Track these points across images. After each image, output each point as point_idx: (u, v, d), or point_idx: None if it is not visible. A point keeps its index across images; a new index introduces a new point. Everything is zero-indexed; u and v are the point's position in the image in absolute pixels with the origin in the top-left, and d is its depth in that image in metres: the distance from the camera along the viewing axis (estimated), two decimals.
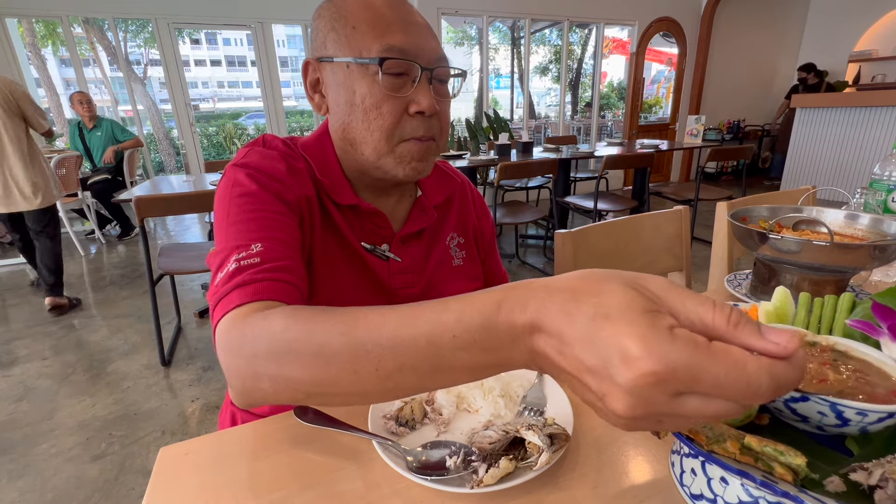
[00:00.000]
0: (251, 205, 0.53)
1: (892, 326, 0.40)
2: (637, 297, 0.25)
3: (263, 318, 0.39)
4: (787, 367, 0.24)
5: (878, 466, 0.30)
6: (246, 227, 0.51)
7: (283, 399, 0.40)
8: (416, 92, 0.57)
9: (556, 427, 0.44)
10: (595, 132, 6.20)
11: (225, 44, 13.15)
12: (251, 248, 0.48)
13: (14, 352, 2.29)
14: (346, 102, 0.58)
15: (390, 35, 0.55)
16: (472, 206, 0.81)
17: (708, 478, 0.40)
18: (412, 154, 0.60)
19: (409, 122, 0.59)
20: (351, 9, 0.57)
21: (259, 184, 0.55)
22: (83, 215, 4.27)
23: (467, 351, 0.31)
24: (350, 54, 0.56)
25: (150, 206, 1.86)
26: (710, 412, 0.25)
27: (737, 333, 0.24)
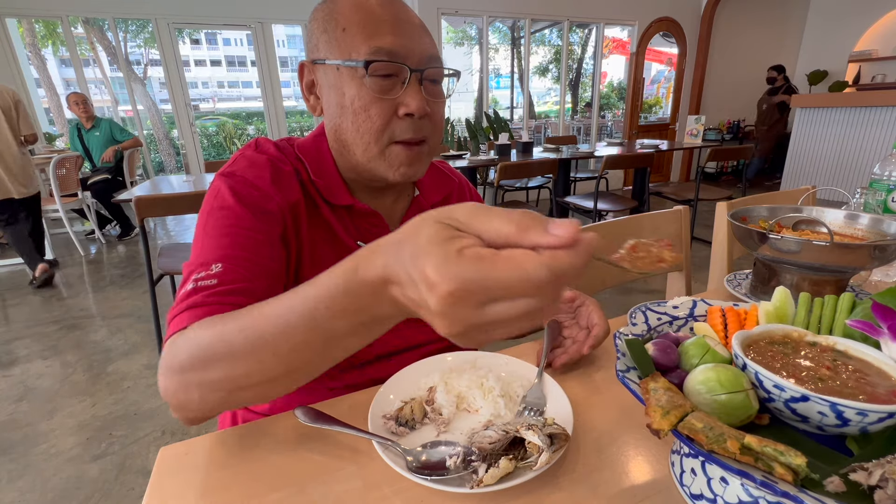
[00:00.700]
0: (225, 220, 0.54)
1: (892, 326, 0.40)
2: (441, 229, 0.28)
3: (185, 333, 0.44)
4: (568, 254, 0.26)
5: (878, 466, 0.30)
6: (214, 244, 0.52)
7: (213, 403, 0.43)
8: (405, 94, 0.57)
9: (555, 427, 0.44)
10: (595, 132, 6.20)
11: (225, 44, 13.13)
12: (211, 268, 0.50)
13: (14, 352, 2.29)
14: (337, 105, 0.58)
15: (379, 36, 0.55)
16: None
17: (708, 478, 0.40)
18: (401, 158, 0.60)
19: (398, 123, 0.58)
20: (342, 10, 0.57)
21: (238, 197, 0.56)
22: (83, 215, 4.27)
23: (341, 317, 0.35)
24: (340, 57, 0.56)
25: (150, 206, 1.86)
26: (519, 312, 0.27)
27: (526, 236, 0.27)
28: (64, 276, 3.36)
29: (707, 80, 6.01)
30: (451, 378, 0.58)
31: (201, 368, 0.41)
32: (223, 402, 0.43)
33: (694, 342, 0.45)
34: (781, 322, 0.49)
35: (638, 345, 0.45)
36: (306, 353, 0.38)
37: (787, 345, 0.43)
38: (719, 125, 6.32)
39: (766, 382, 0.37)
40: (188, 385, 0.42)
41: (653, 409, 0.35)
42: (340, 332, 0.36)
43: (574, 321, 0.67)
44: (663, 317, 0.54)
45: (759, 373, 0.37)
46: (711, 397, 0.37)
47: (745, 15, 5.91)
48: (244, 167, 0.59)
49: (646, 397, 0.37)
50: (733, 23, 5.90)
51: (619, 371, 0.41)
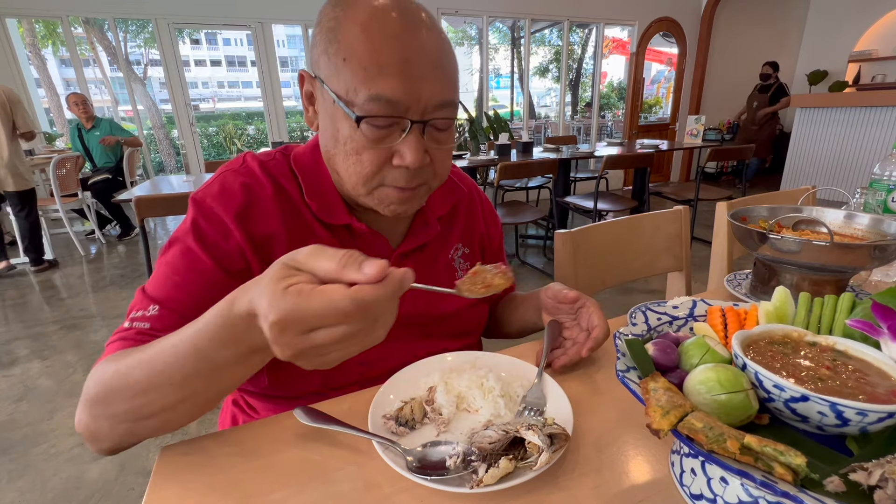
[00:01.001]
0: (181, 257, 0.54)
1: (892, 326, 0.40)
2: (280, 269, 0.34)
3: (96, 367, 0.47)
4: (373, 287, 0.32)
5: (877, 466, 0.30)
6: (161, 282, 0.54)
7: (121, 433, 0.46)
8: (402, 144, 0.52)
9: (555, 427, 0.44)
10: (595, 132, 6.20)
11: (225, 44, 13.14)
12: (149, 309, 0.52)
13: (14, 352, 2.29)
14: (331, 136, 0.55)
15: (381, 80, 0.49)
16: (480, 214, 0.78)
17: (708, 478, 0.40)
18: (391, 199, 0.56)
19: (390, 171, 0.54)
20: (346, 32, 0.50)
21: (198, 235, 0.54)
22: (83, 215, 4.27)
23: (224, 347, 0.39)
24: (337, 89, 0.51)
25: (150, 206, 1.86)
26: (338, 336, 0.32)
27: (345, 273, 0.32)
28: (64, 276, 3.36)
29: (707, 80, 6.01)
30: (451, 378, 0.58)
31: (105, 402, 0.45)
32: (130, 432, 0.46)
33: (694, 342, 0.45)
34: (781, 322, 0.49)
35: (638, 345, 0.45)
36: (198, 381, 0.42)
37: (786, 345, 0.43)
38: (719, 125, 6.32)
39: (765, 382, 0.37)
40: (97, 417, 0.46)
41: (653, 409, 0.35)
42: (225, 361, 0.40)
43: (575, 322, 0.67)
44: (663, 317, 0.54)
45: (758, 373, 0.37)
46: (711, 397, 0.37)
47: (745, 15, 5.91)
48: (215, 193, 0.56)
49: (646, 397, 0.37)
50: (733, 23, 5.90)
51: (619, 371, 0.41)
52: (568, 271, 0.98)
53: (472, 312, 0.73)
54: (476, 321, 0.75)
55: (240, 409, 0.70)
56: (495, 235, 0.81)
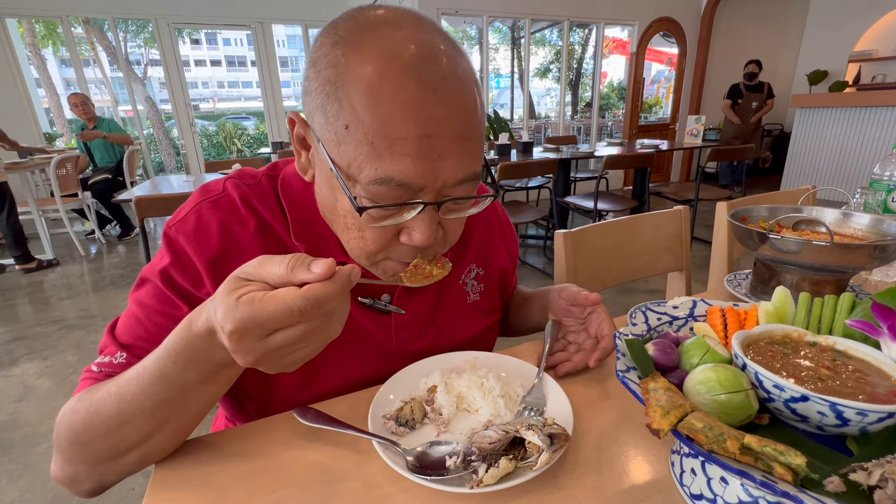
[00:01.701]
0: (152, 300, 0.50)
1: (892, 326, 0.40)
2: (231, 282, 0.35)
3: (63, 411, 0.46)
4: (323, 285, 0.33)
5: (877, 466, 0.30)
6: (129, 327, 0.51)
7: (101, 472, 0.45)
8: (413, 221, 0.44)
9: (555, 427, 0.44)
10: (595, 132, 6.20)
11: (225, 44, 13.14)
12: (116, 356, 0.49)
13: (14, 352, 2.29)
14: (328, 201, 0.48)
15: (391, 160, 0.40)
16: (497, 231, 0.72)
17: (708, 478, 0.40)
18: (395, 270, 0.50)
19: (397, 247, 0.48)
20: (351, 89, 0.39)
21: (168, 280, 0.50)
22: (83, 215, 4.27)
23: (188, 368, 0.39)
24: (337, 159, 0.42)
25: (150, 206, 1.86)
26: (296, 336, 0.33)
27: (295, 276, 0.33)
28: (64, 276, 3.36)
29: (707, 80, 6.01)
30: (451, 378, 0.58)
31: (79, 441, 0.44)
32: (110, 470, 0.46)
33: (694, 342, 0.45)
34: (781, 322, 0.49)
35: (638, 345, 0.45)
36: (170, 406, 0.42)
37: (786, 345, 0.43)
38: (719, 125, 6.31)
39: (765, 382, 0.37)
40: (73, 461, 0.45)
41: (653, 409, 0.35)
42: (193, 381, 0.40)
43: (582, 327, 0.65)
44: (663, 317, 0.54)
45: (758, 373, 0.37)
46: (711, 397, 0.37)
47: (745, 15, 5.91)
48: (190, 232, 0.50)
49: (646, 397, 0.37)
50: (733, 23, 5.90)
51: (619, 371, 0.41)
52: (568, 271, 0.98)
53: (484, 338, 0.69)
54: (489, 342, 0.72)
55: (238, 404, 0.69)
56: (513, 249, 0.74)
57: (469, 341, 0.67)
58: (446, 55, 0.41)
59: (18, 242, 3.33)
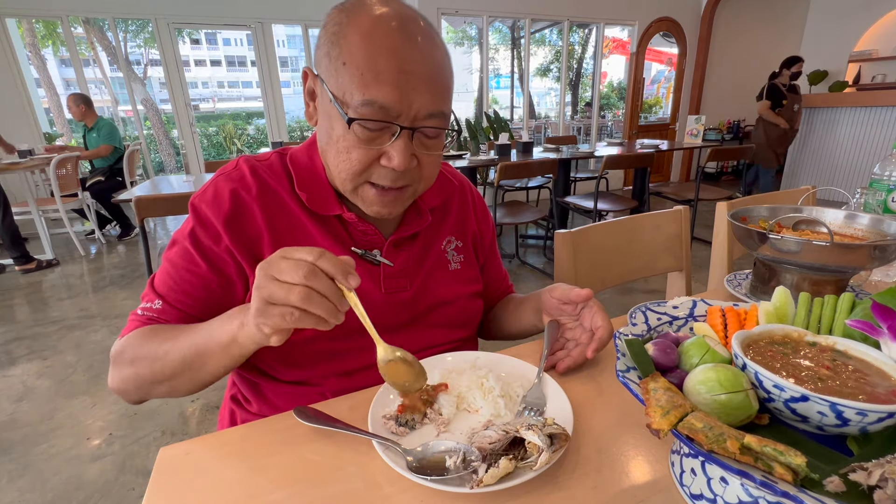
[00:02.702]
0: (181, 258, 0.61)
1: (892, 326, 0.40)
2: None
3: (125, 338, 0.59)
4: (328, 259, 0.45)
5: (877, 466, 0.30)
6: (165, 278, 0.62)
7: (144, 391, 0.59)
8: (392, 146, 0.55)
9: (555, 427, 0.44)
10: (595, 132, 6.20)
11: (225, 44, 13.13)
12: (154, 302, 0.61)
13: (14, 352, 2.29)
14: (326, 132, 0.59)
15: (375, 87, 0.52)
16: (471, 210, 0.80)
17: (708, 478, 0.40)
18: (373, 199, 0.60)
19: (377, 169, 0.57)
20: (348, 38, 0.53)
21: (194, 240, 0.61)
22: (83, 215, 4.27)
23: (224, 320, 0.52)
24: (334, 90, 0.54)
25: (150, 206, 1.86)
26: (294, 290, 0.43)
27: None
28: (64, 276, 3.36)
29: (707, 80, 6.01)
30: (451, 378, 0.58)
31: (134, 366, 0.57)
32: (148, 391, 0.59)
33: (694, 342, 0.45)
34: (781, 322, 0.50)
35: (638, 345, 0.45)
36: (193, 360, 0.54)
37: (786, 345, 0.43)
38: (719, 125, 6.32)
39: (765, 382, 0.37)
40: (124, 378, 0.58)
41: (653, 409, 0.35)
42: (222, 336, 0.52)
43: (577, 323, 0.66)
44: (663, 317, 0.54)
45: (758, 373, 0.37)
46: (711, 397, 0.37)
47: (745, 15, 5.91)
48: (209, 199, 0.61)
49: (646, 397, 0.37)
50: (733, 23, 5.90)
51: (619, 371, 0.41)
52: (568, 271, 0.98)
53: (469, 304, 0.75)
54: (472, 313, 0.76)
55: (237, 403, 0.70)
56: (486, 233, 0.82)
57: (453, 303, 0.72)
58: (423, 23, 0.56)
59: (16, 243, 3.32)
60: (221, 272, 0.61)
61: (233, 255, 0.61)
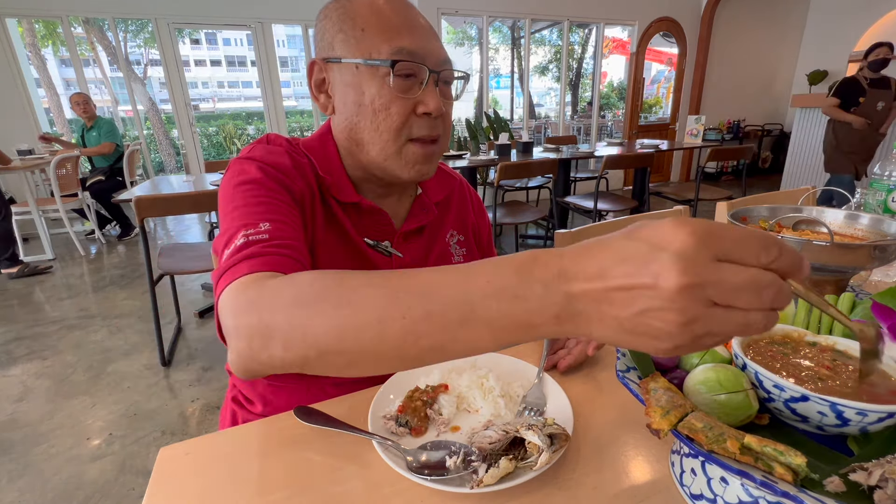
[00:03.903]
0: (256, 191, 0.55)
1: (892, 326, 0.40)
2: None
3: (287, 277, 0.39)
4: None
5: (877, 466, 0.30)
6: (252, 210, 0.52)
7: (291, 360, 0.36)
8: (424, 93, 0.58)
9: (555, 427, 0.44)
10: (595, 132, 6.20)
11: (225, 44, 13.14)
12: (259, 226, 0.49)
13: (14, 352, 2.29)
14: (355, 103, 0.59)
15: (399, 38, 0.57)
16: (469, 205, 0.83)
17: (708, 478, 0.40)
18: (417, 157, 0.61)
19: (416, 122, 0.60)
20: (359, 10, 0.58)
21: (265, 173, 0.57)
22: (83, 215, 4.27)
23: (497, 298, 0.29)
24: (360, 56, 0.57)
25: (150, 206, 1.86)
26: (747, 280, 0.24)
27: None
28: (64, 275, 3.36)
29: (707, 80, 6.01)
30: (451, 378, 0.58)
31: (305, 311, 0.35)
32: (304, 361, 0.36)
33: None
34: (781, 322, 0.50)
35: None
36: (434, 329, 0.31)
37: (786, 345, 0.43)
38: (719, 125, 6.31)
39: (765, 382, 0.37)
40: (272, 330, 0.36)
41: (653, 409, 0.35)
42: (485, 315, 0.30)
43: None
44: None
45: (758, 373, 0.37)
46: (711, 397, 0.37)
47: (745, 15, 5.91)
48: (263, 154, 0.60)
49: (646, 397, 0.37)
50: (733, 23, 5.90)
51: (619, 371, 0.41)
52: None
53: None
54: None
55: (238, 404, 0.70)
56: (483, 228, 0.84)
57: None
58: None
59: (6, 246, 3.26)
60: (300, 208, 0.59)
61: (303, 200, 0.60)
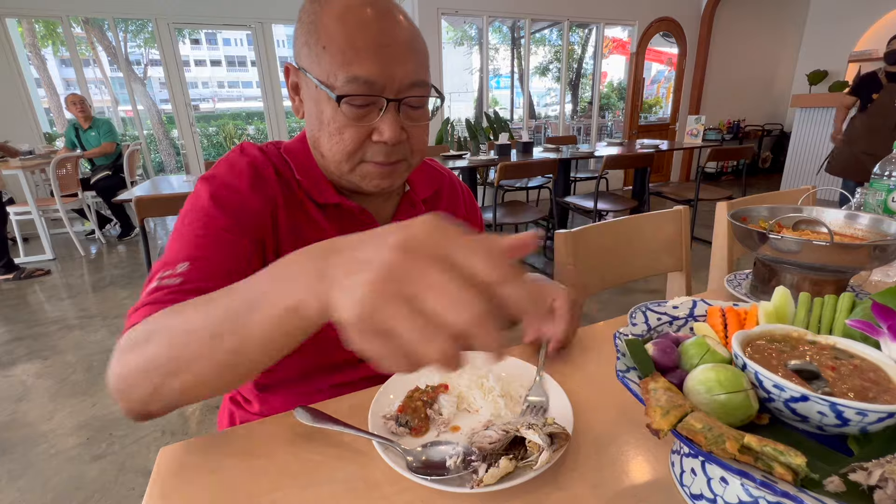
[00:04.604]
0: (199, 221, 0.56)
1: (892, 326, 0.40)
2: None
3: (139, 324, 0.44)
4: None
5: (877, 466, 0.30)
6: (185, 244, 0.54)
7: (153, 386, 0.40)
8: (380, 121, 0.56)
9: (556, 426, 0.44)
10: (595, 132, 6.20)
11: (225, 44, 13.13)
12: (177, 267, 0.51)
13: (14, 352, 2.29)
14: (315, 118, 0.59)
15: (357, 63, 0.53)
16: (461, 202, 0.82)
17: (708, 478, 0.40)
18: (372, 174, 0.60)
19: (371, 147, 0.58)
20: (325, 23, 0.54)
21: (214, 199, 0.57)
22: (83, 215, 4.27)
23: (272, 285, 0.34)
24: (318, 75, 0.55)
25: (150, 206, 1.86)
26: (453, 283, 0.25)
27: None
28: (64, 276, 3.36)
29: (707, 80, 6.01)
30: (451, 378, 0.58)
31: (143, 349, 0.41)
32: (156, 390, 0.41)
33: (694, 342, 0.45)
34: (781, 322, 0.49)
35: (638, 345, 0.45)
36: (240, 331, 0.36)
37: (786, 344, 0.43)
38: (719, 125, 6.31)
39: (765, 382, 0.37)
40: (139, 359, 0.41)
41: (653, 409, 0.35)
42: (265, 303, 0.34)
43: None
44: (663, 317, 0.54)
45: (758, 373, 0.37)
46: (711, 397, 0.37)
47: (745, 15, 5.91)
48: (224, 171, 0.60)
49: (646, 397, 0.37)
50: (733, 23, 5.90)
51: (619, 371, 0.41)
52: (568, 271, 0.98)
53: None
54: None
55: (236, 404, 0.70)
56: (475, 223, 0.84)
57: None
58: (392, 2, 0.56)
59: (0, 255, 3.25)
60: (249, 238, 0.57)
61: (261, 218, 0.59)
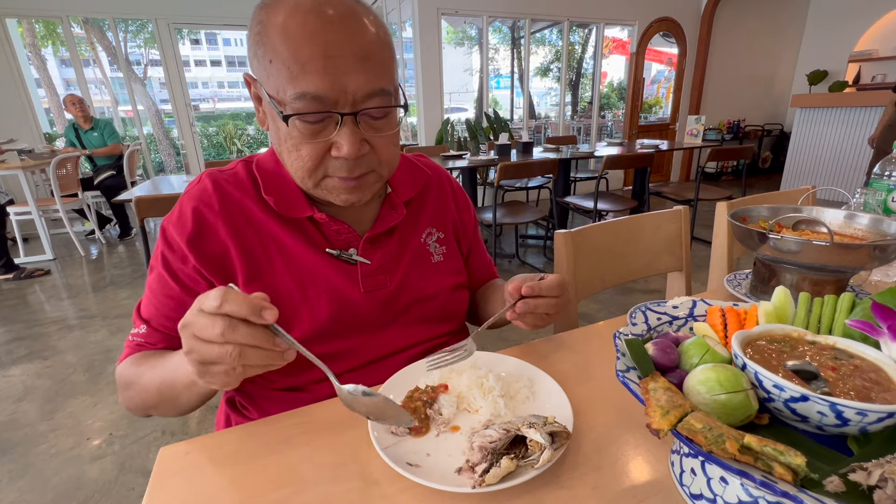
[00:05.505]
0: (156, 283, 0.61)
1: (892, 326, 0.40)
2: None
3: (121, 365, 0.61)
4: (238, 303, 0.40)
5: (877, 466, 0.30)
6: (147, 303, 0.63)
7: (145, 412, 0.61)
8: (338, 135, 0.53)
9: (556, 425, 0.44)
10: (595, 132, 6.20)
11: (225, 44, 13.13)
12: (140, 327, 0.62)
13: (14, 352, 2.29)
14: (275, 133, 0.56)
15: (304, 78, 0.50)
16: (451, 199, 0.79)
17: (708, 478, 0.40)
18: (339, 189, 0.58)
19: (332, 162, 0.55)
20: (270, 35, 0.50)
21: (165, 263, 0.61)
22: (83, 215, 4.27)
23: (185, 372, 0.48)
24: (269, 90, 0.52)
25: (150, 206, 1.86)
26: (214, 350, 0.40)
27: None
28: (64, 275, 3.36)
29: (707, 80, 6.01)
30: (451, 378, 0.58)
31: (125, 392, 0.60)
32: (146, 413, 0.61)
33: (694, 342, 0.45)
34: (781, 322, 0.49)
35: (638, 345, 0.45)
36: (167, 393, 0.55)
37: (786, 344, 0.43)
38: (719, 125, 6.31)
39: (765, 382, 0.37)
40: (125, 399, 0.61)
41: (653, 409, 0.35)
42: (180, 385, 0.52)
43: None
44: (663, 317, 0.54)
45: (758, 373, 0.37)
46: (711, 397, 0.37)
47: (745, 15, 5.91)
48: (174, 221, 0.61)
49: (646, 397, 0.37)
50: (733, 23, 5.90)
51: (619, 371, 0.41)
52: (568, 271, 0.98)
53: (452, 296, 0.74)
54: (456, 305, 0.75)
55: (233, 408, 0.70)
56: (468, 221, 0.81)
57: (435, 297, 0.71)
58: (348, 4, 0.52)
59: None
60: (194, 292, 0.59)
61: (202, 274, 0.59)
